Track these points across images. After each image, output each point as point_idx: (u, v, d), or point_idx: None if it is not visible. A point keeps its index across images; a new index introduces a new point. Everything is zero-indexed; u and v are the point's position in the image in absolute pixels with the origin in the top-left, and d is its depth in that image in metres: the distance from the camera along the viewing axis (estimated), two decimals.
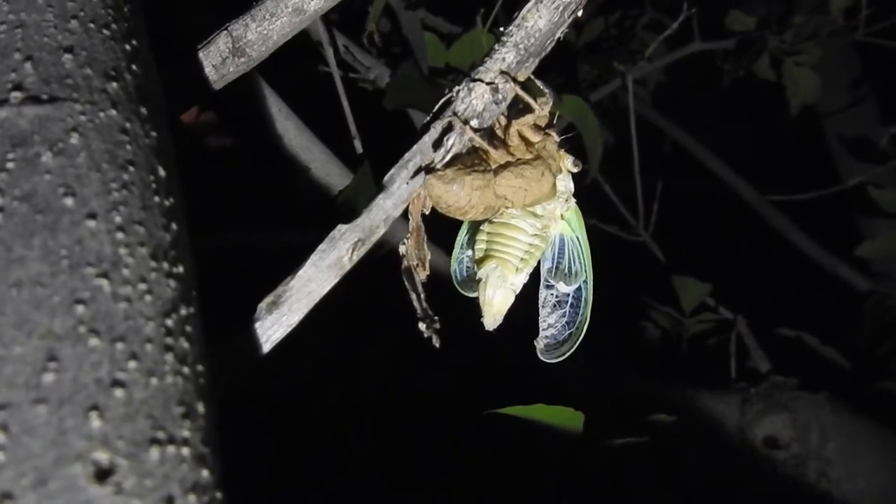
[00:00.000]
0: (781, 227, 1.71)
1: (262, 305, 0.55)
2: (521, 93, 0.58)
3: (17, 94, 0.43)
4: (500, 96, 0.57)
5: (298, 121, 1.14)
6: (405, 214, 0.58)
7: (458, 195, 0.56)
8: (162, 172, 0.45)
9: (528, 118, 0.59)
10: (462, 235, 0.68)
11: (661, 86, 1.92)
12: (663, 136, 1.89)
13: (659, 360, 1.59)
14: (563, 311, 0.67)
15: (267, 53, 0.69)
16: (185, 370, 0.37)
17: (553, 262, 0.67)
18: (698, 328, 1.59)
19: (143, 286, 0.38)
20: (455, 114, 0.57)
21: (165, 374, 0.36)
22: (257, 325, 0.54)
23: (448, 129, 0.57)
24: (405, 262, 0.57)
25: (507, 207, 0.60)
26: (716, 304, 1.56)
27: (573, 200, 0.66)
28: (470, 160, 0.57)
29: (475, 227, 0.66)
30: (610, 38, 1.98)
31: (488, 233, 0.65)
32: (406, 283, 0.56)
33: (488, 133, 0.59)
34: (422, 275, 0.57)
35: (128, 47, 0.51)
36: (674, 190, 1.73)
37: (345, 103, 1.24)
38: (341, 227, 0.55)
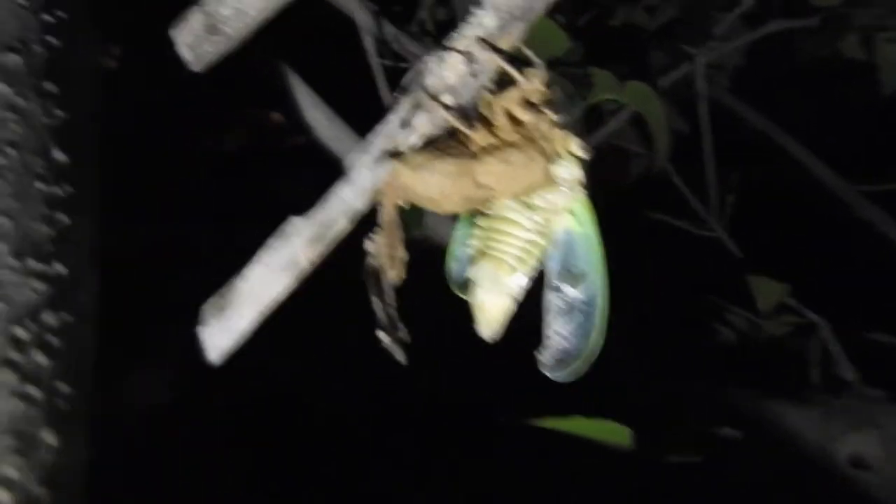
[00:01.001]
0: (873, 219, 1.55)
1: (207, 308, 0.48)
2: (501, 63, 0.49)
3: None
4: (476, 67, 0.49)
5: (329, 110, 1.09)
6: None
7: (428, 183, 0.48)
8: (60, 156, 0.40)
9: (513, 93, 0.50)
10: (459, 229, 0.60)
11: (738, 69, 1.78)
12: (741, 121, 1.75)
13: (731, 365, 1.47)
14: (573, 318, 0.58)
15: (247, 31, 0.63)
16: (32, 391, 0.31)
17: (559, 263, 0.58)
18: (776, 331, 1.45)
19: None
20: (424, 88, 0.49)
21: None
22: (202, 330, 0.48)
23: (417, 106, 0.49)
24: (371, 262, 0.49)
25: (494, 198, 0.52)
26: (797, 305, 1.42)
27: (581, 190, 0.57)
28: (446, 144, 0.50)
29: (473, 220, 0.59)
30: (683, 20, 1.85)
31: (482, 227, 0.57)
32: (369, 285, 0.48)
33: (470, 111, 0.51)
34: (392, 277, 0.50)
35: (48, 17, 0.45)
36: (751, 180, 1.60)
37: (383, 92, 1.18)
38: (294, 221, 0.48)
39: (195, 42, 0.62)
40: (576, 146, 0.56)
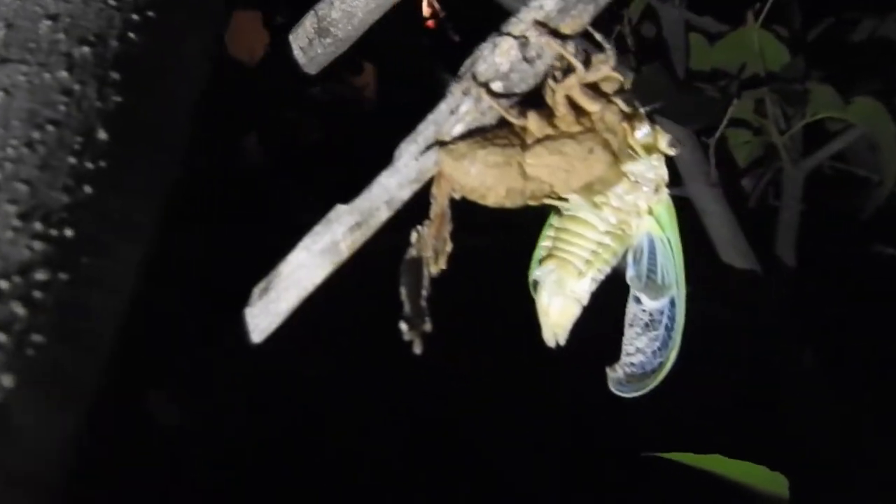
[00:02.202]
0: None
1: (256, 291, 0.50)
2: (557, 47, 0.46)
3: None
4: (532, 53, 0.46)
5: None
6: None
7: (469, 173, 0.46)
8: (102, 136, 0.43)
9: (572, 80, 0.46)
10: (546, 231, 0.57)
11: None
12: None
13: None
14: (657, 333, 0.53)
15: (355, 34, 0.64)
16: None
17: (637, 269, 0.53)
18: None
19: None
20: (473, 76, 0.47)
21: None
22: (247, 311, 0.50)
23: (466, 93, 0.47)
24: (413, 252, 0.48)
25: (551, 193, 0.48)
26: None
27: (665, 191, 0.51)
28: (495, 133, 0.47)
29: None
30: None
31: (556, 227, 0.53)
32: (405, 274, 0.47)
33: (527, 100, 0.48)
34: (433, 269, 0.48)
35: (135, 17, 0.49)
36: None
37: None
38: (339, 208, 0.48)
39: (307, 45, 0.65)
40: (665, 143, 0.51)
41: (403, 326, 0.45)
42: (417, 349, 0.44)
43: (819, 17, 1.63)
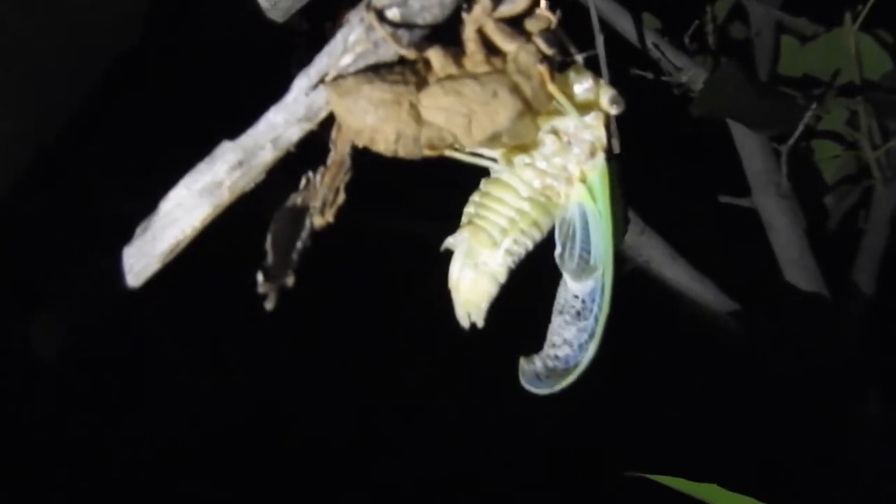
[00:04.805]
0: None
1: (138, 229, 0.46)
2: None
3: None
4: None
5: None
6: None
7: (352, 111, 0.40)
8: None
9: (479, 11, 0.40)
10: (473, 196, 0.50)
11: None
12: None
13: None
14: (587, 323, 0.45)
15: None
16: None
17: (569, 247, 0.45)
18: None
19: None
20: (369, 1, 0.41)
21: None
22: (124, 251, 0.46)
23: (361, 22, 0.41)
24: (299, 199, 0.42)
25: (451, 144, 0.42)
26: None
27: (602, 156, 0.44)
28: (390, 70, 0.41)
29: None
30: None
31: (481, 192, 0.46)
32: (280, 221, 0.42)
33: (441, 35, 0.42)
34: (318, 222, 0.43)
35: None
36: None
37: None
38: (224, 144, 0.44)
39: None
40: (607, 99, 0.43)
41: (260, 277, 0.40)
42: (270, 305, 0.39)
43: None
